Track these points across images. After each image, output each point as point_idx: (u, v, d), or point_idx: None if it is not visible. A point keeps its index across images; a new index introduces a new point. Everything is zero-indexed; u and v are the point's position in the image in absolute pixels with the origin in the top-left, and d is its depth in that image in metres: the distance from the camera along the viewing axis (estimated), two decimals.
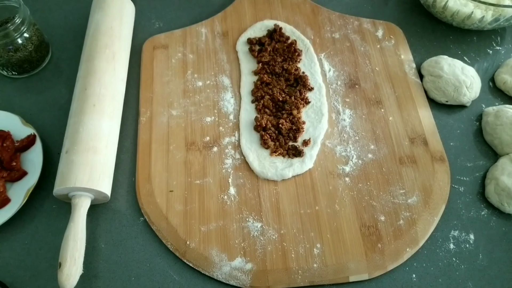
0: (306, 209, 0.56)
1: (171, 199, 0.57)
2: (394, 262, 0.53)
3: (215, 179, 0.58)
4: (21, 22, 0.62)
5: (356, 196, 0.57)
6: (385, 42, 0.72)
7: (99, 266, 0.53)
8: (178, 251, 0.53)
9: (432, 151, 0.61)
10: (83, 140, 0.55)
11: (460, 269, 0.53)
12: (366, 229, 0.55)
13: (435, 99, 0.66)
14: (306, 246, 0.53)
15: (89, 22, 0.67)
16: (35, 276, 0.53)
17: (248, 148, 0.60)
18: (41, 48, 0.68)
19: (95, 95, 0.59)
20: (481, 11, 0.69)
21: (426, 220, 0.55)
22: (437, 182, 0.58)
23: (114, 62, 0.63)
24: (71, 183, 0.52)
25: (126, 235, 0.55)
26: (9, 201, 0.55)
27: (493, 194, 0.57)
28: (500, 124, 0.61)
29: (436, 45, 0.73)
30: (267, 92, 0.64)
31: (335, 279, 0.52)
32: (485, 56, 0.72)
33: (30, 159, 0.59)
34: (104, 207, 0.57)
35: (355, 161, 0.60)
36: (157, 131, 0.62)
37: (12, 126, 0.61)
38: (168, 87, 0.66)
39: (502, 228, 0.56)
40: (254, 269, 0.52)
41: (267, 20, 0.74)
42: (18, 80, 0.69)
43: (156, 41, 0.71)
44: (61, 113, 0.64)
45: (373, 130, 0.62)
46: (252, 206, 0.56)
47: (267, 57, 0.68)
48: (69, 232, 0.50)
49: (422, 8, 0.78)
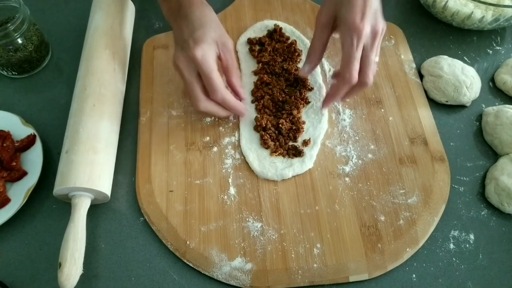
0: (306, 209, 0.56)
1: (171, 199, 0.57)
2: (394, 262, 0.53)
3: (215, 179, 0.58)
4: (21, 22, 0.62)
5: (356, 196, 0.57)
6: (385, 42, 0.72)
7: (99, 266, 0.53)
8: (178, 251, 0.53)
9: (432, 151, 0.61)
10: (83, 140, 0.55)
11: (460, 269, 0.53)
12: (366, 229, 0.55)
13: (435, 99, 0.66)
14: (306, 246, 0.53)
15: (89, 22, 0.67)
16: (35, 276, 0.53)
17: (248, 148, 0.60)
18: (41, 48, 0.68)
19: (95, 95, 0.59)
20: (481, 11, 0.69)
21: (426, 220, 0.55)
22: (437, 182, 0.58)
23: (114, 62, 0.63)
24: (71, 183, 0.52)
25: (126, 235, 0.55)
26: (9, 201, 0.55)
27: (493, 194, 0.57)
28: (500, 124, 0.61)
29: (436, 45, 0.73)
30: (267, 92, 0.64)
31: (335, 279, 0.52)
32: (485, 56, 0.72)
33: (30, 159, 0.59)
34: (104, 207, 0.58)
35: (355, 161, 0.60)
36: (157, 131, 0.62)
37: (12, 126, 0.61)
38: (168, 87, 0.66)
39: (502, 228, 0.56)
40: (254, 269, 0.52)
41: (267, 20, 0.74)
42: (18, 80, 0.69)
43: (156, 41, 0.71)
44: (61, 113, 0.64)
45: (373, 130, 0.62)
46: (252, 206, 0.56)
47: (267, 57, 0.68)
48: (69, 232, 0.50)
49: (422, 8, 0.78)
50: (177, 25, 0.55)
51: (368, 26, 0.51)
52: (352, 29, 0.50)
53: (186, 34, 0.53)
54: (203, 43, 0.52)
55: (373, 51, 0.52)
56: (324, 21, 0.55)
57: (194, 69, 0.53)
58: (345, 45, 0.52)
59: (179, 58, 0.53)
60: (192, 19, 0.54)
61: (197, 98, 0.54)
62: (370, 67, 0.53)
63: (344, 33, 0.52)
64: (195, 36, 0.52)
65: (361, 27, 0.50)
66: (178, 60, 0.53)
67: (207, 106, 0.55)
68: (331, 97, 0.58)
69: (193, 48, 0.51)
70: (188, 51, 0.51)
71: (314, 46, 0.58)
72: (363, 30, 0.50)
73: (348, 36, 0.51)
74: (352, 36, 0.50)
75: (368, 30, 0.51)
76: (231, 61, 0.56)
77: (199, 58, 0.51)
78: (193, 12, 0.54)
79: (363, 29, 0.50)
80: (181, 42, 0.53)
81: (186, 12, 0.54)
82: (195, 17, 0.54)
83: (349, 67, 0.52)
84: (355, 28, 0.50)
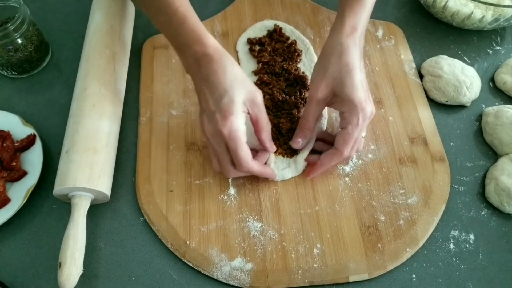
0: (306, 209, 0.56)
1: (171, 199, 0.57)
2: (394, 262, 0.53)
3: (215, 179, 0.58)
4: (21, 22, 0.62)
5: (356, 196, 0.57)
6: (385, 42, 0.72)
7: (99, 266, 0.53)
8: (178, 251, 0.53)
9: (432, 151, 0.61)
10: (83, 140, 0.55)
11: (460, 269, 0.53)
12: (366, 229, 0.55)
13: (435, 99, 0.66)
14: (306, 246, 0.53)
15: (89, 22, 0.67)
16: (35, 276, 0.53)
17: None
18: (41, 48, 0.68)
19: (95, 95, 0.59)
20: (481, 11, 0.69)
21: (426, 220, 0.55)
22: (437, 182, 0.58)
23: (114, 62, 0.63)
24: (71, 183, 0.52)
25: (126, 235, 0.55)
26: (9, 201, 0.55)
27: (493, 194, 0.57)
28: (500, 124, 0.61)
29: (436, 45, 0.73)
30: (267, 92, 0.64)
31: (335, 279, 0.52)
32: (485, 56, 0.72)
33: (30, 159, 0.59)
34: (104, 207, 0.58)
35: (355, 161, 0.60)
36: (157, 131, 0.62)
37: (12, 126, 0.61)
38: (168, 87, 0.66)
39: (502, 228, 0.56)
40: (254, 269, 0.52)
41: (267, 20, 0.74)
42: (18, 80, 0.69)
43: (156, 41, 0.71)
44: (61, 113, 0.64)
45: (373, 130, 0.62)
46: (252, 206, 0.56)
47: (267, 57, 0.68)
48: (69, 232, 0.50)
49: (422, 8, 0.78)
50: (199, 87, 0.51)
51: (370, 105, 0.52)
52: (360, 109, 0.51)
53: (211, 103, 0.49)
54: (230, 115, 0.48)
55: (364, 130, 0.55)
56: (321, 97, 0.53)
57: (223, 141, 0.50)
58: (350, 123, 0.52)
59: (207, 128, 0.50)
60: (215, 83, 0.50)
61: (227, 169, 0.52)
62: (358, 144, 0.56)
63: (351, 113, 0.52)
64: (221, 107, 0.48)
65: (368, 109, 0.52)
66: (206, 130, 0.50)
67: (237, 174, 0.53)
68: (321, 167, 0.56)
69: (221, 124, 0.48)
70: (217, 126, 0.49)
71: (307, 121, 0.55)
72: (369, 111, 0.52)
73: (354, 116, 0.51)
74: (359, 116, 0.51)
75: (370, 109, 0.52)
76: (260, 116, 0.52)
77: (227, 135, 0.48)
78: (214, 73, 0.50)
79: (369, 111, 0.52)
80: (207, 111, 0.50)
81: (207, 73, 0.50)
82: (218, 81, 0.49)
83: (348, 144, 0.52)
84: (363, 109, 0.51)
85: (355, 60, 0.52)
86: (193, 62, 0.51)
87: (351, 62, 0.52)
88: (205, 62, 0.50)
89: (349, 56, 0.52)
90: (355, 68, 0.51)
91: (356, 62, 0.52)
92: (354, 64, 0.52)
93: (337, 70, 0.52)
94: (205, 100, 0.50)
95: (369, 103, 0.52)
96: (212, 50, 0.51)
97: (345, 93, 0.51)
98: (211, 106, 0.50)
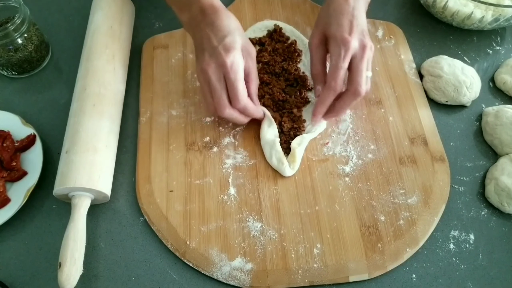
0: (306, 209, 0.56)
1: (171, 199, 0.57)
2: (394, 262, 0.53)
3: (215, 179, 0.58)
4: (21, 22, 0.62)
5: (356, 196, 0.57)
6: (385, 42, 0.72)
7: (99, 266, 0.53)
8: (178, 251, 0.53)
9: (432, 151, 0.61)
10: (83, 140, 0.55)
11: (460, 269, 0.53)
12: (366, 229, 0.55)
13: (435, 99, 0.66)
14: (306, 246, 0.53)
15: (89, 22, 0.67)
16: (35, 276, 0.53)
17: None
18: (41, 48, 0.68)
19: (95, 95, 0.59)
20: (481, 11, 0.69)
21: (426, 220, 0.55)
22: (437, 182, 0.58)
23: (114, 62, 0.63)
24: (71, 183, 0.52)
25: (126, 235, 0.55)
26: (9, 201, 0.55)
27: (493, 194, 0.57)
28: (500, 124, 0.61)
29: (436, 45, 0.73)
30: (267, 92, 0.64)
31: (335, 279, 0.52)
32: (485, 56, 0.72)
33: (30, 159, 0.59)
34: (104, 207, 0.58)
35: (355, 161, 0.60)
36: (157, 131, 0.62)
37: (12, 126, 0.61)
38: (168, 87, 0.66)
39: (502, 228, 0.56)
40: (254, 269, 0.52)
41: (267, 20, 0.74)
42: (18, 80, 0.69)
43: (156, 41, 0.71)
44: (61, 113, 0.64)
45: (373, 130, 0.62)
46: (252, 206, 0.56)
47: (267, 57, 0.68)
48: (69, 232, 0.50)
49: (422, 8, 0.78)
50: (202, 32, 0.55)
51: (356, 40, 0.54)
52: (340, 41, 0.54)
53: (215, 41, 0.53)
54: (233, 50, 0.52)
55: (363, 63, 0.55)
56: (317, 41, 0.58)
57: (222, 75, 0.53)
58: (333, 56, 0.55)
59: (209, 64, 0.53)
60: (220, 25, 0.54)
61: (223, 105, 0.54)
62: (361, 76, 0.55)
63: (333, 46, 0.55)
64: (225, 43, 0.52)
65: (349, 39, 0.54)
66: (208, 66, 0.53)
67: (231, 112, 0.55)
68: (319, 105, 0.58)
69: (224, 55, 0.52)
70: (219, 58, 0.52)
71: (315, 67, 0.60)
72: (350, 42, 0.54)
73: (336, 48, 0.55)
74: (340, 47, 0.54)
75: (356, 43, 0.54)
76: (253, 68, 0.57)
77: (229, 66, 0.52)
78: (219, 19, 0.54)
79: (350, 41, 0.54)
80: (209, 48, 0.53)
81: (212, 19, 0.54)
82: (222, 24, 0.54)
83: (334, 75, 0.54)
84: (343, 40, 0.54)
85: (345, 7, 0.56)
86: (198, 12, 0.55)
87: (339, 9, 0.56)
88: (211, 10, 0.55)
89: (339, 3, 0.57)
90: (343, 12, 0.56)
91: (346, 8, 0.56)
92: (343, 10, 0.56)
93: (327, 15, 0.57)
94: (208, 41, 0.54)
95: (355, 38, 0.54)
96: (218, 4, 0.56)
97: (331, 31, 0.55)
98: (214, 43, 0.53)
